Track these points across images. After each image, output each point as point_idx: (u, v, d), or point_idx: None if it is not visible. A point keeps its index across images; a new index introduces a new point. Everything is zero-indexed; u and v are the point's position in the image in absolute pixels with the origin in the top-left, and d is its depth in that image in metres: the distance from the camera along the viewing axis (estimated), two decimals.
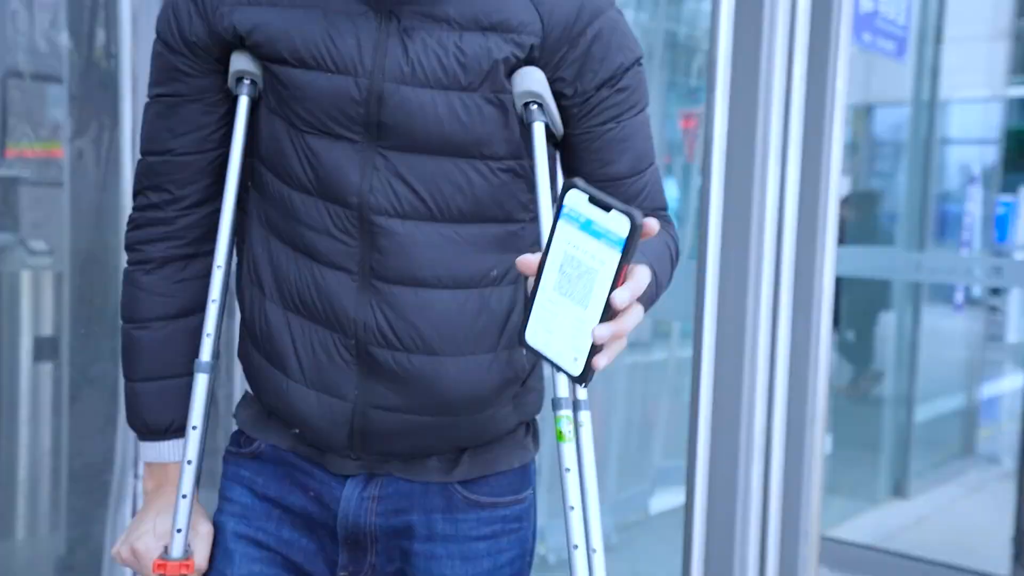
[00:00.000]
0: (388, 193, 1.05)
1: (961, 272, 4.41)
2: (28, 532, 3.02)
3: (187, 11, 1.08)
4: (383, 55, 1.03)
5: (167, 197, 1.16)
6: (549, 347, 0.84)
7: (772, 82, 1.77)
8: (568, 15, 1.05)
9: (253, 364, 1.18)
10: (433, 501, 1.16)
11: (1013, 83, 5.42)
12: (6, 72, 3.57)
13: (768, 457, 1.83)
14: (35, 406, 3.02)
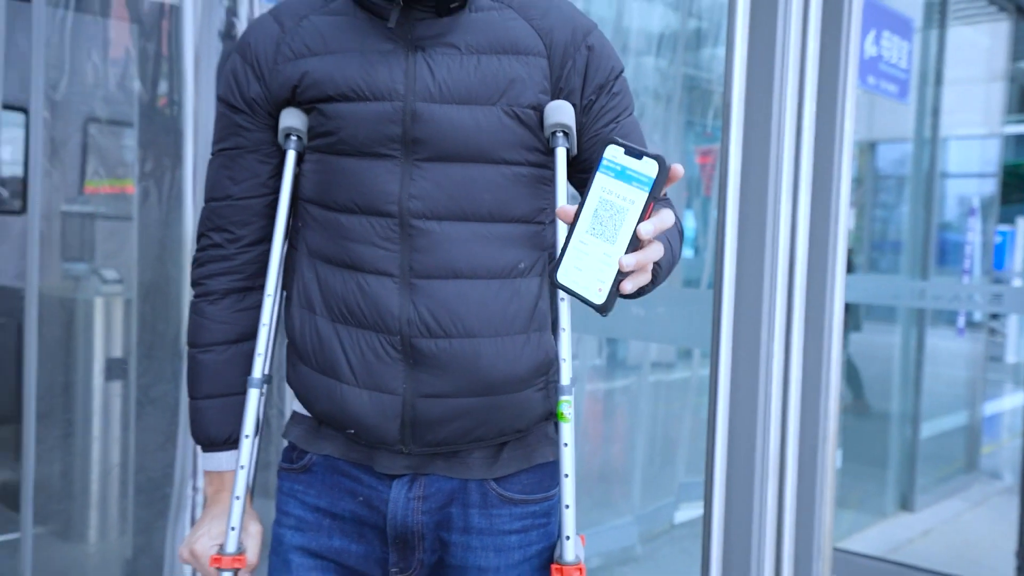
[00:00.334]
0: (425, 198, 1.11)
1: (963, 299, 4.35)
2: (99, 537, 3.03)
3: (245, 75, 1.18)
4: (413, 80, 1.11)
5: (228, 237, 1.24)
6: (577, 283, 0.91)
7: (784, 122, 1.75)
8: (565, 35, 1.15)
9: (305, 379, 1.22)
10: (471, 497, 1.19)
11: (1009, 121, 5.48)
12: (86, 118, 3.63)
13: (782, 474, 1.79)
14: (106, 422, 3.04)
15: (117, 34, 2.70)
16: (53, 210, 3.46)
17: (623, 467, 3.77)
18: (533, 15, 1.15)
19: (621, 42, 3.57)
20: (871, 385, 4.73)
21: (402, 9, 1.10)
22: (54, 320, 3.06)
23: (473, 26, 1.13)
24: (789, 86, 1.72)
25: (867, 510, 4.40)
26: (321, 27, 1.15)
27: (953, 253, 5.36)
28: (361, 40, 1.13)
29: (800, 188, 1.77)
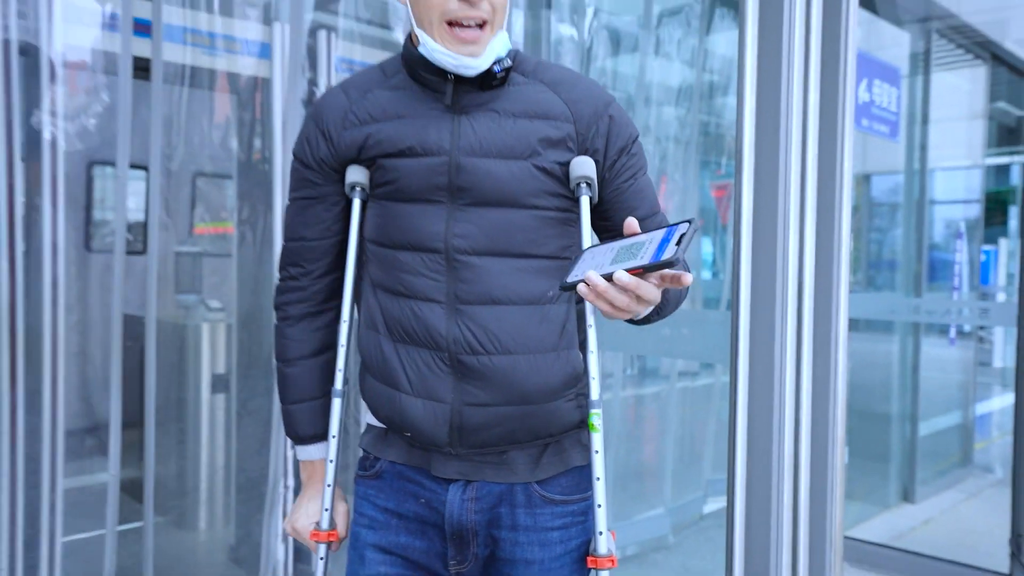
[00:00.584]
0: (467, 237, 1.14)
1: (954, 313, 4.24)
2: (207, 527, 3.06)
3: (315, 138, 1.21)
4: (458, 137, 1.13)
5: (302, 271, 1.28)
6: (579, 263, 1.01)
7: (790, 160, 1.73)
8: (590, 105, 1.17)
9: (373, 389, 1.24)
10: (517, 498, 1.19)
11: (989, 154, 5.39)
12: (195, 172, 3.71)
13: (796, 472, 1.73)
14: (212, 429, 3.08)
15: (220, 104, 2.76)
16: (168, 251, 3.54)
17: (655, 465, 3.72)
18: (561, 89, 1.17)
19: (644, 95, 3.56)
20: (874, 389, 4.61)
21: (454, 83, 1.13)
22: (169, 343, 3.12)
23: (510, 96, 1.16)
24: (794, 130, 1.70)
25: (872, 501, 4.27)
26: (383, 99, 1.18)
27: (943, 271, 5.29)
28: (416, 107, 1.16)
29: (806, 219, 1.74)
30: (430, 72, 1.14)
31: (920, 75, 4.41)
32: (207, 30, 2.53)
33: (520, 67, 1.18)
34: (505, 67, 1.13)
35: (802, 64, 1.68)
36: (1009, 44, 4.77)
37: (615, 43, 3.63)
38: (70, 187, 2.50)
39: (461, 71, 1.10)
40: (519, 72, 1.18)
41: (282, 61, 2.43)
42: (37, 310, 2.17)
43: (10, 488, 2.14)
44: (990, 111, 5.17)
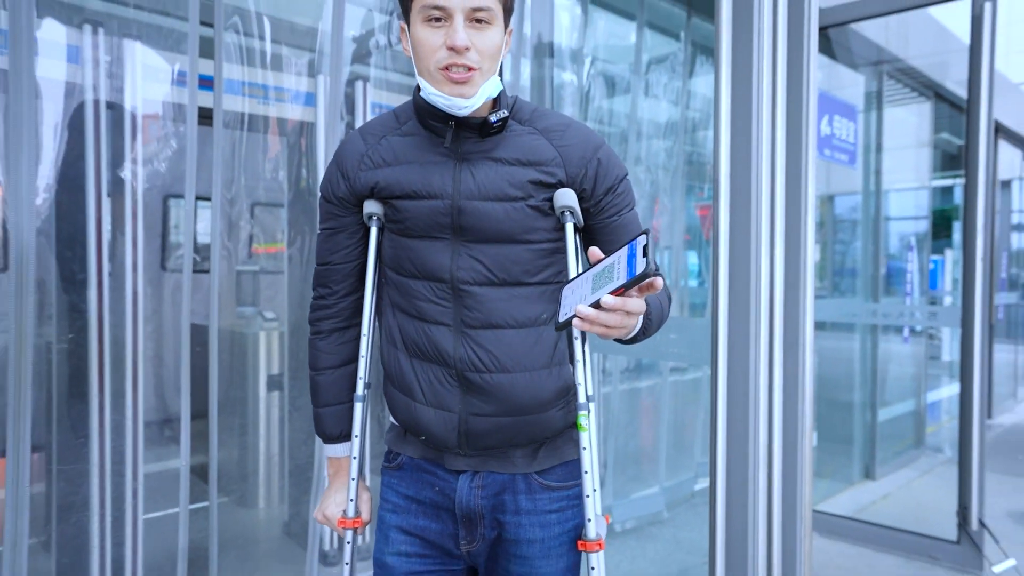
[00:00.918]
0: (469, 270, 1.12)
1: (906, 316, 4.18)
2: (265, 505, 3.06)
3: (336, 178, 1.20)
4: (459, 183, 1.12)
5: (329, 291, 1.27)
6: (565, 300, 0.98)
7: (760, 186, 1.70)
8: (579, 151, 1.14)
9: (393, 397, 1.23)
10: (518, 486, 1.18)
11: (935, 177, 5.37)
12: (253, 201, 3.73)
13: (771, 457, 1.70)
14: (268, 422, 3.08)
15: (272, 144, 2.77)
16: (231, 270, 3.56)
17: (651, 449, 3.68)
18: (553, 136, 1.14)
19: (636, 129, 3.55)
20: (839, 381, 4.55)
21: (454, 131, 1.11)
22: (232, 348, 3.13)
23: (506, 143, 1.13)
24: (764, 158, 1.68)
25: (838, 479, 4.21)
26: (395, 145, 1.16)
27: (898, 277, 5.26)
28: (422, 154, 1.14)
29: (776, 236, 1.71)
30: (435, 119, 1.12)
31: (874, 111, 4.38)
32: (262, 83, 2.55)
33: (518, 115, 1.16)
34: (501, 117, 1.10)
35: (770, 103, 1.66)
36: (950, 84, 4.75)
37: (610, 86, 3.63)
38: (149, 217, 2.53)
39: (454, 111, 1.08)
40: (516, 120, 1.15)
41: (325, 108, 2.44)
42: (120, 322, 2.19)
43: (99, 475, 2.15)
44: (935, 141, 5.16)
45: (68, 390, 2.28)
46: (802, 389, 1.72)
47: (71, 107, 2.16)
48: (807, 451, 1.74)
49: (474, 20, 1.05)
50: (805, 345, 1.73)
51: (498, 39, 1.08)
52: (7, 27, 1.75)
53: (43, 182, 2.13)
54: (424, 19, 1.05)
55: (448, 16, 1.04)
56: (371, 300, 1.23)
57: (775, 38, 1.63)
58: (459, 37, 1.03)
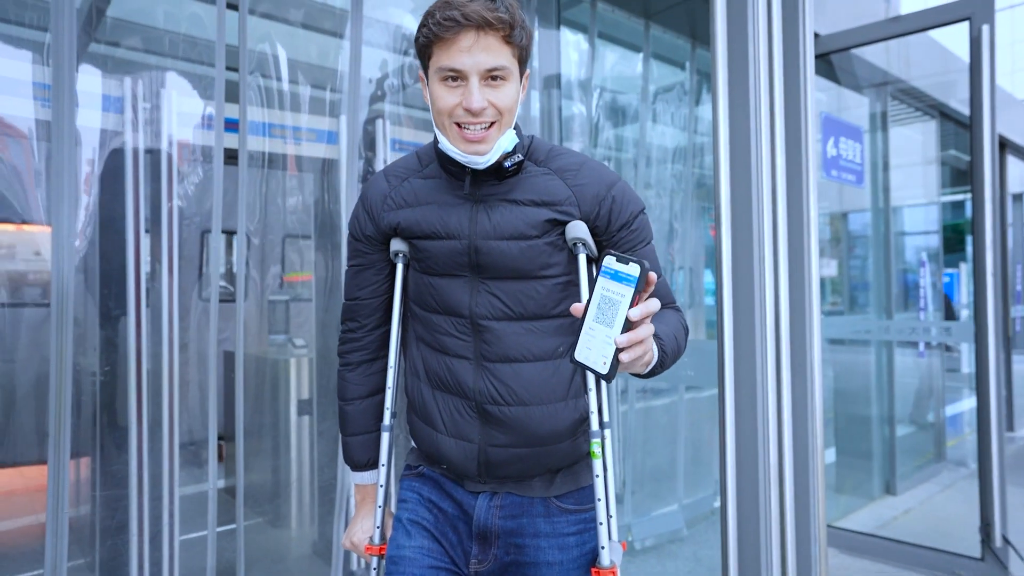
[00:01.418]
0: (487, 306, 1.11)
1: (920, 332, 4.05)
2: (296, 525, 3.05)
3: (363, 217, 1.21)
4: (475, 224, 1.11)
5: (358, 325, 1.27)
6: (588, 359, 0.89)
7: (762, 207, 1.67)
8: (593, 190, 1.11)
9: (414, 425, 1.23)
10: (537, 509, 1.15)
11: (944, 193, 5.24)
12: (285, 234, 3.77)
13: (781, 475, 1.64)
14: (299, 446, 3.08)
15: (298, 181, 2.81)
16: (263, 299, 3.60)
17: (669, 466, 3.60)
18: (567, 176, 1.12)
19: (646, 155, 3.54)
20: (857, 395, 4.42)
21: (472, 175, 1.11)
22: (264, 374, 3.15)
23: (522, 185, 1.11)
24: (764, 182, 1.64)
25: (858, 494, 4.05)
26: (416, 187, 1.16)
27: (913, 291, 5.12)
28: (442, 196, 1.13)
29: (779, 257, 1.67)
30: (453, 164, 1.11)
31: (880, 131, 4.32)
32: (293, 125, 2.59)
33: (533, 155, 1.14)
34: (516, 162, 1.09)
35: (768, 127, 1.63)
36: (954, 103, 4.67)
37: (619, 115, 3.63)
38: (188, 250, 2.57)
39: (471, 165, 1.08)
40: (532, 160, 1.14)
41: (347, 146, 2.47)
42: (158, 349, 2.22)
43: (137, 497, 2.16)
44: (943, 157, 5.06)
45: (108, 417, 2.30)
46: (811, 407, 1.66)
47: (109, 153, 2.22)
48: (819, 469, 1.67)
49: (490, 79, 1.03)
50: (813, 364, 1.67)
51: (514, 93, 1.07)
52: (50, 81, 1.80)
53: (83, 224, 2.18)
54: (440, 78, 1.04)
55: (464, 77, 1.03)
56: (397, 333, 1.23)
57: (771, 64, 1.61)
58: (475, 100, 1.02)
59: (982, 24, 2.80)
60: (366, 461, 1.27)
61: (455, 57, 1.01)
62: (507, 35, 1.02)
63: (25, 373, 2.42)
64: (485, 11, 1.00)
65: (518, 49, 1.05)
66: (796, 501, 1.65)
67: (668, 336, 1.06)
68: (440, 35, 1.01)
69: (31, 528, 2.53)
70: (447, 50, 1.02)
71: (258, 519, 3.08)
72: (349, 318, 1.27)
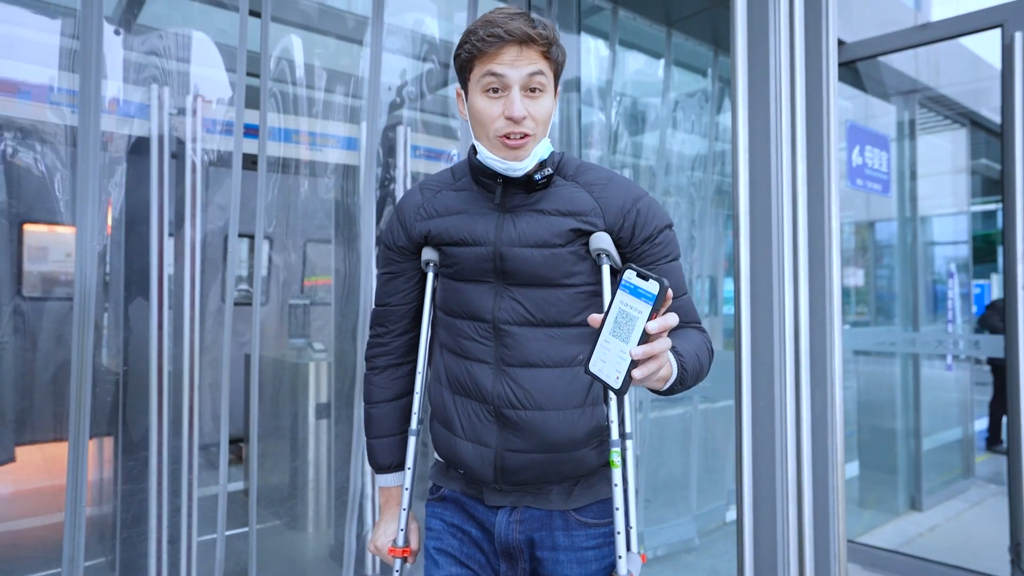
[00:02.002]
0: (510, 311, 1.13)
1: (948, 344, 3.94)
2: (314, 529, 3.05)
3: (396, 227, 1.24)
4: (501, 231, 1.14)
5: (386, 331, 1.29)
6: (602, 372, 0.88)
7: (782, 216, 1.63)
8: (618, 203, 1.13)
9: (435, 430, 1.24)
10: (556, 523, 1.15)
11: (974, 203, 5.12)
12: (305, 239, 3.80)
13: (800, 490, 1.59)
14: (317, 449, 3.09)
15: (323, 185, 2.83)
16: (284, 303, 3.62)
17: (683, 476, 3.55)
18: (594, 189, 1.15)
19: (665, 162, 3.50)
20: (882, 408, 4.31)
21: (502, 187, 1.14)
22: (284, 377, 3.16)
23: (550, 196, 1.14)
24: (784, 191, 1.60)
25: (883, 510, 3.94)
26: (449, 199, 1.20)
27: (941, 302, 5.00)
28: (472, 206, 1.17)
29: (799, 268, 1.62)
30: (486, 176, 1.15)
31: (907, 139, 4.23)
32: (320, 131, 2.61)
33: (562, 170, 1.18)
34: (546, 175, 1.13)
35: (789, 135, 1.60)
36: (985, 111, 4.55)
37: (640, 122, 3.60)
38: (211, 254, 2.60)
39: (509, 172, 1.11)
40: (560, 175, 1.17)
41: (368, 152, 2.48)
42: (179, 351, 2.24)
43: (157, 497, 2.18)
44: (972, 166, 4.94)
45: (131, 417, 2.33)
46: (832, 420, 1.61)
47: (138, 158, 2.25)
48: (839, 484, 1.62)
49: (529, 90, 1.08)
50: (834, 375, 1.62)
51: (550, 105, 1.11)
52: (78, 88, 1.83)
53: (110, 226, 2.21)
54: (483, 89, 1.09)
55: (506, 87, 1.07)
56: (426, 339, 1.26)
57: (792, 72, 1.57)
58: (516, 108, 1.06)
59: (1015, 31, 2.72)
60: (390, 463, 1.29)
61: (499, 65, 1.07)
62: (546, 51, 1.08)
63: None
64: (527, 27, 1.06)
65: (555, 64, 1.11)
66: (815, 516, 1.60)
67: (689, 353, 1.05)
68: (484, 50, 1.07)
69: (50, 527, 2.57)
70: (491, 61, 1.07)
71: (276, 522, 3.09)
72: (378, 323, 1.30)
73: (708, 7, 3.17)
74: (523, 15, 1.08)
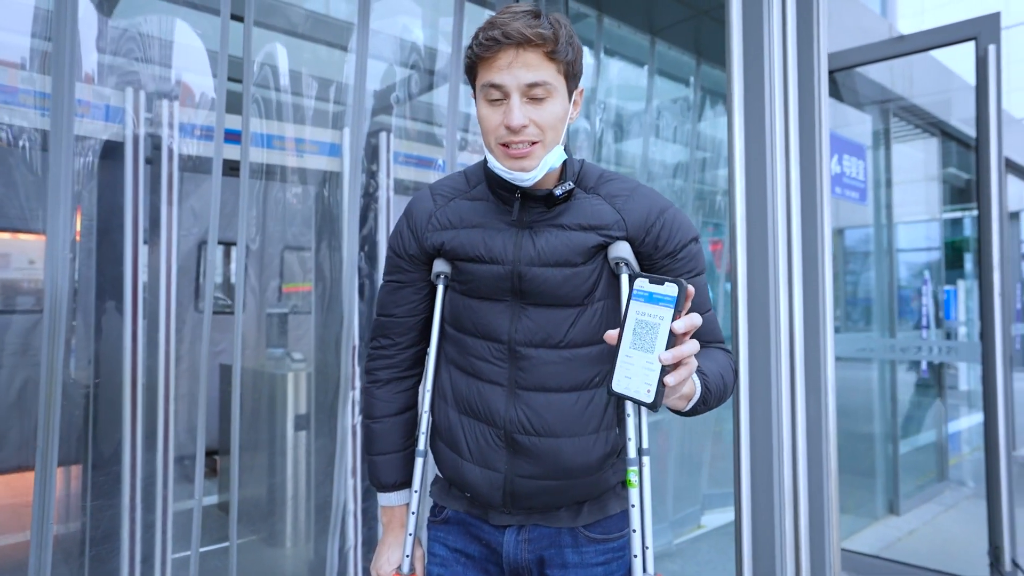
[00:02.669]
0: (526, 332, 1.08)
1: (925, 352, 4.03)
2: (292, 544, 2.98)
3: (407, 234, 1.18)
4: (519, 249, 1.09)
5: (390, 342, 1.23)
6: (629, 389, 0.83)
7: (777, 226, 1.63)
8: (641, 215, 1.08)
9: (439, 450, 1.18)
10: (565, 539, 1.12)
11: (945, 210, 5.25)
12: (284, 247, 3.73)
13: (796, 498, 1.59)
14: (295, 461, 3.02)
15: (303, 191, 2.78)
16: (262, 312, 3.54)
17: (659, 483, 3.55)
18: (617, 201, 1.09)
19: (647, 170, 3.52)
20: (858, 413, 4.37)
21: (520, 201, 1.08)
22: (262, 388, 3.09)
23: (571, 210, 1.09)
24: (779, 201, 1.61)
25: (861, 514, 3.99)
26: (463, 209, 1.14)
27: (912, 308, 5.11)
28: (488, 219, 1.11)
29: (794, 277, 1.63)
30: (502, 188, 1.09)
31: (882, 148, 4.32)
32: (294, 136, 2.56)
33: (583, 182, 1.12)
34: (567, 190, 1.06)
35: (783, 146, 1.60)
36: (954, 121, 4.67)
37: (622, 129, 3.62)
38: (185, 261, 2.53)
39: (516, 182, 1.05)
40: (582, 187, 1.11)
41: (351, 159, 2.44)
42: (153, 362, 2.17)
43: (130, 512, 2.10)
44: (943, 175, 5.07)
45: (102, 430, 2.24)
46: (825, 429, 1.61)
47: (110, 163, 2.17)
48: (833, 492, 1.63)
49: (531, 95, 1.01)
50: (827, 384, 1.63)
51: (559, 110, 1.03)
52: (50, 90, 1.76)
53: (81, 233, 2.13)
54: (484, 97, 1.04)
55: (506, 95, 1.01)
56: (436, 355, 1.19)
57: (786, 84, 1.58)
58: (514, 117, 1.00)
59: (988, 44, 2.79)
60: (394, 482, 1.22)
61: (495, 74, 1.01)
62: (550, 51, 1.00)
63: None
64: (525, 28, 0.99)
65: (563, 65, 1.02)
66: (811, 524, 1.60)
67: (713, 373, 1.01)
68: (482, 55, 1.02)
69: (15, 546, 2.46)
70: (488, 68, 1.02)
71: (252, 537, 3.00)
72: (382, 335, 1.23)
73: (691, 16, 3.19)
74: (529, 13, 1.01)
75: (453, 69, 2.42)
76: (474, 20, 2.51)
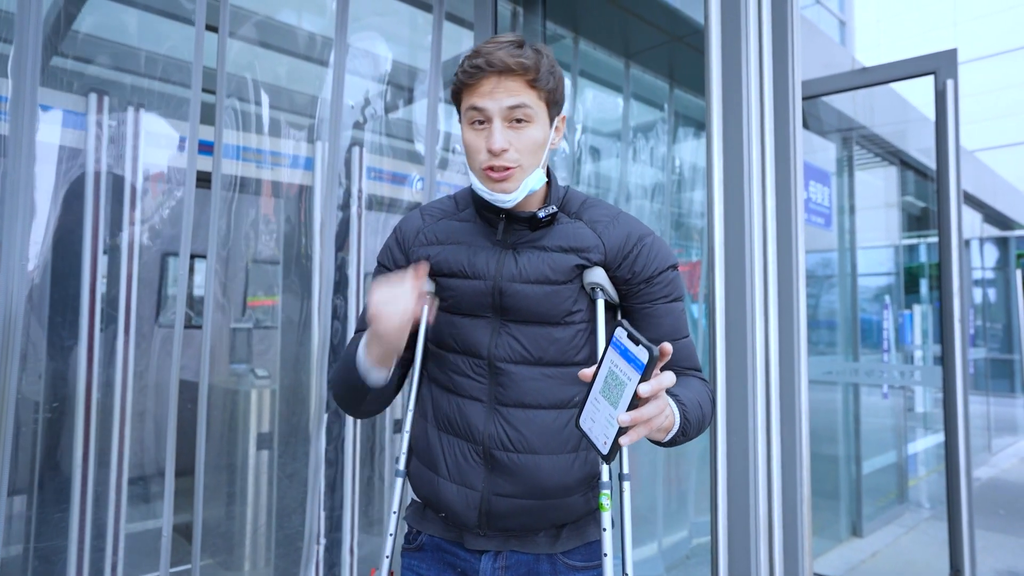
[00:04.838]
0: (506, 348, 1.09)
1: (888, 375, 4.14)
2: (251, 568, 2.88)
3: (396, 250, 1.20)
4: (502, 266, 1.10)
5: None
6: (592, 432, 0.85)
7: (754, 253, 1.66)
8: (620, 241, 1.11)
9: (415, 470, 1.17)
10: (543, 567, 1.11)
11: (904, 237, 5.40)
12: (248, 259, 3.66)
13: (771, 524, 1.61)
14: (256, 482, 2.93)
15: (267, 205, 2.73)
16: (225, 327, 3.45)
17: (648, 510, 3.55)
18: (598, 226, 1.13)
19: (625, 192, 3.56)
20: (821, 434, 4.46)
21: (505, 223, 1.12)
22: (223, 405, 3.00)
23: (552, 233, 1.12)
24: (756, 229, 1.64)
25: (826, 536, 4.06)
26: (450, 228, 1.17)
27: (873, 332, 5.25)
28: (473, 238, 1.14)
29: (769, 302, 1.66)
30: (488, 210, 1.12)
31: (846, 175, 4.46)
32: (270, 149, 2.52)
33: (567, 207, 1.15)
34: (550, 213, 1.10)
35: (760, 174, 1.64)
36: (912, 151, 4.86)
37: (599, 152, 3.66)
38: (147, 273, 2.45)
39: (498, 203, 1.08)
40: (565, 212, 1.15)
41: (323, 172, 2.40)
42: (110, 378, 2.09)
43: (79, 536, 2.02)
44: (902, 203, 5.26)
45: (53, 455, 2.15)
46: (799, 456, 1.64)
47: (71, 172, 2.11)
48: (807, 519, 1.65)
49: (513, 120, 1.05)
50: (802, 409, 1.66)
51: (538, 135, 1.07)
52: (9, 95, 1.70)
53: (37, 247, 2.05)
54: (468, 122, 1.07)
55: (488, 119, 1.05)
56: (418, 375, 1.19)
57: (762, 112, 1.62)
58: (495, 140, 1.04)
59: (946, 79, 2.91)
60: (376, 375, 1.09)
61: (478, 99, 1.05)
62: (531, 79, 1.05)
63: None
64: (508, 57, 1.04)
65: (544, 92, 1.07)
66: (785, 550, 1.61)
67: (691, 403, 1.02)
68: (466, 81, 1.06)
69: None
70: (472, 93, 1.06)
71: (209, 560, 2.90)
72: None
73: (665, 42, 3.27)
74: (513, 43, 1.06)
75: (432, 86, 2.42)
76: (452, 39, 2.52)
